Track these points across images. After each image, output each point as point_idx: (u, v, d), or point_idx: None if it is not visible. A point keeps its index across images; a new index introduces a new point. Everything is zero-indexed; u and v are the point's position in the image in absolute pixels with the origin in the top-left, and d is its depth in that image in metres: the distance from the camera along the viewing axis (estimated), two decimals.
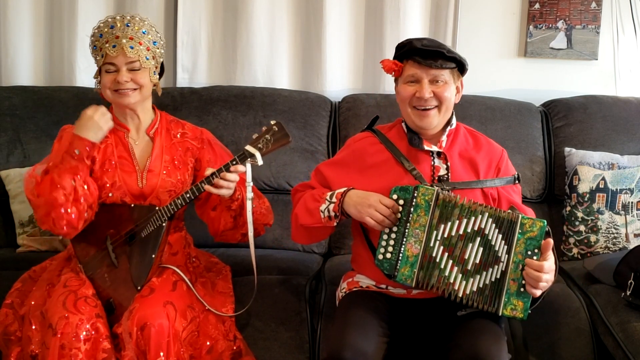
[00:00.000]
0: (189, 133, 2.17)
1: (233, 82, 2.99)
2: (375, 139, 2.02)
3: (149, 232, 1.99)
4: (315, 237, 2.05)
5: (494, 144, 2.04)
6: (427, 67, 1.87)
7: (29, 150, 2.68)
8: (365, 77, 3.06)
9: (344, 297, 2.00)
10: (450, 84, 1.90)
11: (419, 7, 2.98)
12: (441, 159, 1.94)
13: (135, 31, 2.01)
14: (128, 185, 2.04)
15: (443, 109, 1.90)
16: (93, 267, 2.01)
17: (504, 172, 1.97)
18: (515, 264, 1.76)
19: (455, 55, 1.89)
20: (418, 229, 1.80)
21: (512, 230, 1.77)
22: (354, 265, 2.08)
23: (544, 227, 1.75)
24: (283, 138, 1.96)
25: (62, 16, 2.98)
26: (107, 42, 1.98)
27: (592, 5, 3.00)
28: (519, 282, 1.76)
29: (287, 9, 3.00)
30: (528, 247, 1.76)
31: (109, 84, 2.01)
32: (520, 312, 1.77)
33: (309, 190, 2.03)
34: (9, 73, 2.99)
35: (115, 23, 2.01)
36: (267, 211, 2.16)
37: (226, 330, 2.04)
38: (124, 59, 1.99)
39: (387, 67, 1.93)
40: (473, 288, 1.79)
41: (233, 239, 2.11)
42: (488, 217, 1.78)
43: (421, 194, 1.80)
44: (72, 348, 1.77)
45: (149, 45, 2.03)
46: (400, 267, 1.81)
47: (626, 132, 2.76)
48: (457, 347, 1.74)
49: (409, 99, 1.90)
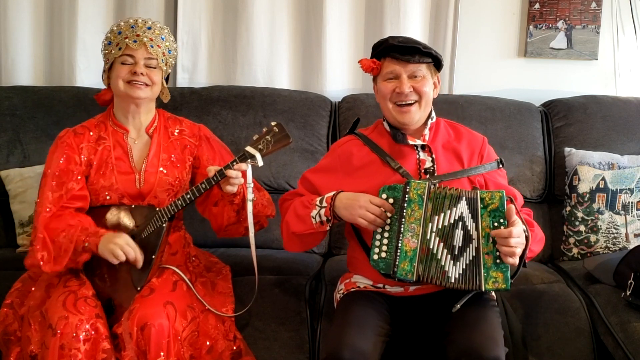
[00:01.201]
0: (186, 130, 2.18)
1: (233, 82, 3.00)
2: (359, 142, 2.05)
3: (149, 233, 1.99)
4: (308, 243, 2.06)
5: (475, 133, 2.08)
6: (405, 63, 1.92)
7: (29, 150, 2.68)
8: (365, 77, 3.05)
9: (342, 297, 2.01)
10: (428, 78, 1.95)
11: (419, 7, 2.98)
12: (426, 152, 1.97)
13: (156, 35, 2.05)
14: (125, 186, 2.04)
15: (423, 104, 1.95)
16: (93, 268, 2.01)
17: (487, 158, 2.01)
18: (485, 238, 1.80)
19: (431, 50, 1.94)
20: (414, 223, 1.82)
21: (475, 207, 1.80)
22: (350, 268, 2.08)
23: (502, 196, 1.79)
24: (284, 139, 1.96)
25: (62, 16, 2.98)
26: (127, 37, 2.02)
27: (592, 5, 2.99)
28: (494, 254, 1.79)
29: (287, 9, 3.00)
30: (493, 219, 1.79)
31: (124, 75, 2.02)
32: (502, 283, 1.79)
33: (298, 198, 2.04)
34: (9, 73, 2.99)
35: (137, 24, 2.04)
36: (267, 203, 2.16)
37: (226, 330, 2.04)
38: (144, 54, 2.02)
39: (365, 65, 1.97)
40: (460, 271, 1.81)
41: (237, 233, 2.11)
42: (465, 200, 1.82)
43: (413, 189, 1.83)
44: (71, 348, 1.77)
45: (165, 51, 2.07)
46: (400, 263, 1.82)
47: (626, 132, 2.76)
48: (453, 342, 1.75)
49: (389, 95, 1.94)
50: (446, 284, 1.82)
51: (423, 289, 1.93)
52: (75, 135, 2.08)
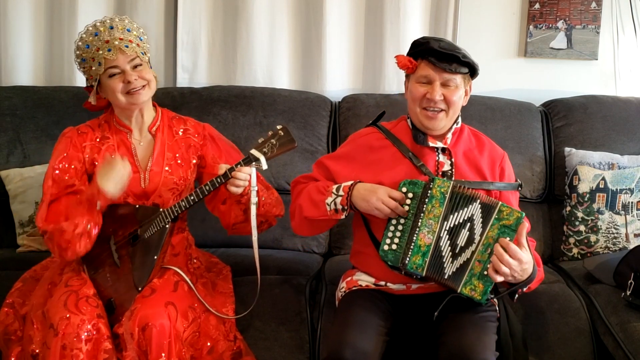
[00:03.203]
0: (191, 129, 2.17)
1: (233, 82, 2.99)
2: (380, 135, 2.03)
3: (152, 233, 1.99)
4: (318, 228, 2.06)
5: (496, 146, 2.07)
6: (441, 70, 1.89)
7: (29, 150, 2.68)
8: (365, 77, 3.06)
9: (343, 296, 2.01)
10: (461, 87, 1.93)
11: (419, 7, 2.98)
12: (445, 155, 1.97)
13: (121, 31, 1.99)
14: (130, 185, 2.03)
15: (451, 113, 1.93)
16: (95, 267, 2.01)
17: (508, 174, 2.01)
18: (484, 246, 1.79)
19: (469, 60, 1.90)
20: (432, 220, 1.83)
21: (489, 214, 1.79)
22: (354, 261, 2.07)
23: (520, 217, 1.77)
24: (289, 143, 1.95)
25: (62, 16, 2.98)
26: (99, 49, 1.97)
27: (592, 5, 3.00)
28: (484, 264, 1.78)
29: (287, 9, 3.00)
30: (502, 233, 1.77)
31: (120, 88, 1.99)
32: (478, 294, 1.79)
33: (313, 182, 2.03)
34: (9, 73, 2.99)
35: (97, 29, 1.99)
36: (276, 202, 2.15)
37: (227, 331, 2.04)
38: (125, 58, 1.98)
39: (401, 63, 1.94)
40: (453, 269, 1.82)
41: (245, 231, 2.09)
42: (479, 204, 1.81)
43: (437, 186, 1.83)
44: (73, 348, 1.77)
45: (137, 41, 2.02)
46: (412, 256, 1.83)
47: (626, 132, 2.76)
48: (444, 343, 1.76)
49: (419, 100, 1.92)
50: (440, 280, 1.83)
51: (424, 288, 1.94)
52: (79, 134, 2.08)
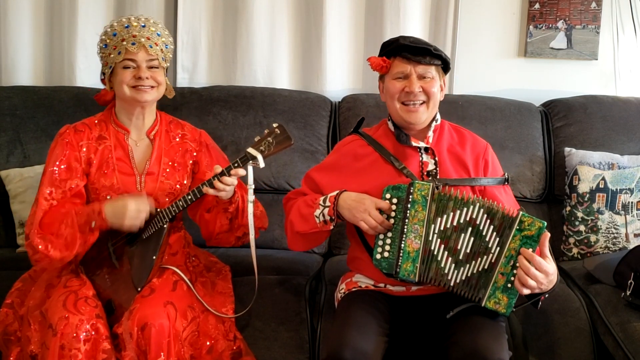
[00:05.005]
0: (188, 135, 2.17)
1: (233, 82, 2.99)
2: (363, 142, 2.05)
3: (150, 233, 1.99)
4: (312, 242, 2.06)
5: (478, 138, 2.07)
6: (416, 63, 1.92)
7: (29, 150, 2.68)
8: (365, 77, 3.06)
9: (343, 297, 2.01)
10: (437, 80, 1.96)
11: (419, 7, 2.98)
12: (429, 155, 1.97)
13: (151, 32, 2.02)
14: (126, 188, 2.03)
15: (431, 105, 1.95)
16: (94, 268, 2.01)
17: (492, 165, 2.01)
18: (507, 258, 1.77)
19: (441, 53, 1.95)
20: (417, 224, 1.82)
21: (509, 225, 1.76)
22: (352, 267, 2.08)
23: (542, 227, 1.75)
24: (285, 141, 1.95)
25: (62, 16, 2.98)
26: (124, 40, 1.99)
27: (592, 5, 3.00)
28: (508, 277, 1.77)
29: (287, 9, 3.00)
30: (524, 244, 1.75)
31: (128, 80, 2.00)
32: (503, 308, 1.78)
33: (301, 197, 2.04)
34: (9, 73, 2.99)
35: (130, 23, 2.02)
36: (261, 215, 2.15)
37: (226, 330, 2.04)
38: (145, 56, 2.00)
39: (374, 64, 1.97)
40: (462, 277, 1.81)
41: (227, 242, 2.11)
42: (479, 208, 1.79)
43: (417, 190, 1.82)
44: (72, 348, 1.77)
45: (163, 47, 2.05)
46: (402, 263, 1.82)
47: (626, 132, 2.76)
48: (457, 344, 1.74)
49: (398, 94, 1.94)
50: (445, 286, 1.83)
51: (425, 290, 1.93)
52: (76, 132, 2.07)
